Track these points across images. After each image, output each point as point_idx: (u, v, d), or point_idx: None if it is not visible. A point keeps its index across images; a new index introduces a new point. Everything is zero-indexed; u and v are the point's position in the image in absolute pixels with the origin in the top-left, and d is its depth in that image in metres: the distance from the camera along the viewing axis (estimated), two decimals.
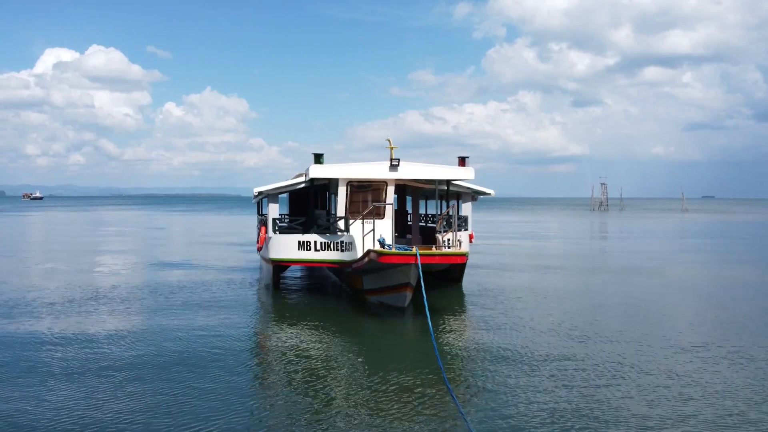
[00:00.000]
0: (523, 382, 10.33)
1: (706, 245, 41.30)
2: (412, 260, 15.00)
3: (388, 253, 15.37)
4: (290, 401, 9.48)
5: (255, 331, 14.97)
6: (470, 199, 22.37)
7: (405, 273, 15.70)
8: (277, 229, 20.05)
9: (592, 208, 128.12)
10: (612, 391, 9.87)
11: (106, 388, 9.99)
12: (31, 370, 10.99)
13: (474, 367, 11.50)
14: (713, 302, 18.48)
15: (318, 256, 19.24)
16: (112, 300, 18.14)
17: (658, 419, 8.68)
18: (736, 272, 25.83)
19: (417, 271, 14.98)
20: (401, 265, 15.44)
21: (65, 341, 13.13)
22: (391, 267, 15.72)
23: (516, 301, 18.09)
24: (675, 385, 10.14)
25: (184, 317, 15.72)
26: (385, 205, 19.16)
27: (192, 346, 12.71)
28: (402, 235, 22.75)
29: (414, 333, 14.46)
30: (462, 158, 19.79)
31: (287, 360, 11.88)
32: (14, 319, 15.41)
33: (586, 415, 8.80)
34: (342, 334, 14.23)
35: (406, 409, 9.07)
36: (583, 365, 11.33)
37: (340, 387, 10.21)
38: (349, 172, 19.10)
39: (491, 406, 9.26)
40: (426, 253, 15.54)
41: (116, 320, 15.37)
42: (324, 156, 19.33)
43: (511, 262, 29.65)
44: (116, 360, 11.66)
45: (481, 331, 14.35)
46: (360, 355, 12.36)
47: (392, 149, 18.98)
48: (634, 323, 15.09)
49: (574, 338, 13.47)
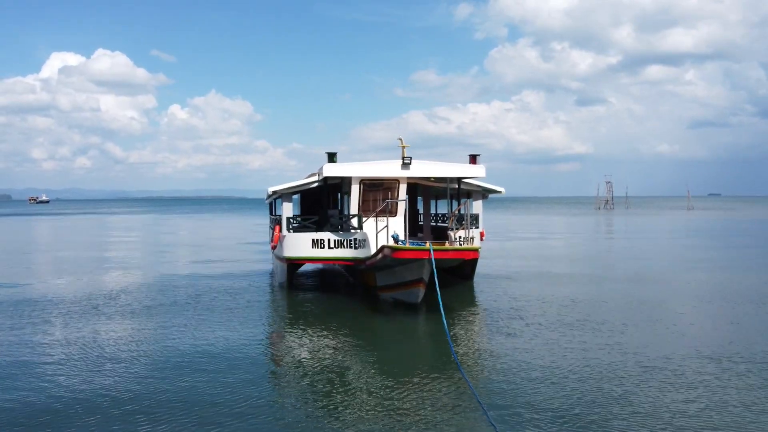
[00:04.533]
0: (540, 374, 10.52)
1: (717, 245, 41.23)
2: (426, 255, 15.22)
3: (402, 249, 15.59)
4: (306, 397, 9.65)
5: (270, 328, 15.21)
6: (481, 197, 22.58)
7: (418, 269, 15.93)
8: (291, 227, 20.34)
9: (598, 206, 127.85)
10: (627, 382, 10.09)
11: (122, 384, 10.27)
12: (41, 369, 11.28)
13: (490, 360, 11.70)
14: (743, 308, 16.69)
15: (332, 254, 19.52)
16: (126, 300, 18.48)
17: (677, 414, 8.89)
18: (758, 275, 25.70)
19: (430, 267, 15.19)
20: (414, 261, 15.66)
21: (85, 341, 13.45)
22: (404, 263, 15.96)
23: (528, 297, 18.27)
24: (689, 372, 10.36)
25: (199, 316, 15.98)
26: (398, 202, 19.43)
27: (207, 344, 12.91)
28: (413, 234, 22.99)
29: (428, 328, 14.66)
30: (473, 156, 20.03)
31: (302, 356, 12.07)
32: (23, 324, 15.72)
33: (602, 406, 9.02)
34: (356, 331, 14.43)
35: (426, 403, 9.24)
36: (596, 356, 11.55)
37: (357, 383, 10.37)
38: (361, 171, 19.40)
39: (510, 397, 9.45)
40: (439, 249, 15.76)
41: (130, 321, 15.63)
42: (337, 155, 19.69)
43: (521, 259, 29.82)
44: (131, 358, 11.93)
45: (495, 325, 14.55)
46: (375, 352, 12.56)
47: (404, 148, 19.26)
48: (646, 320, 15.29)
49: (587, 330, 13.69)
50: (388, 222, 18.21)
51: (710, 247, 36.91)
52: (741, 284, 20.82)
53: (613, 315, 15.58)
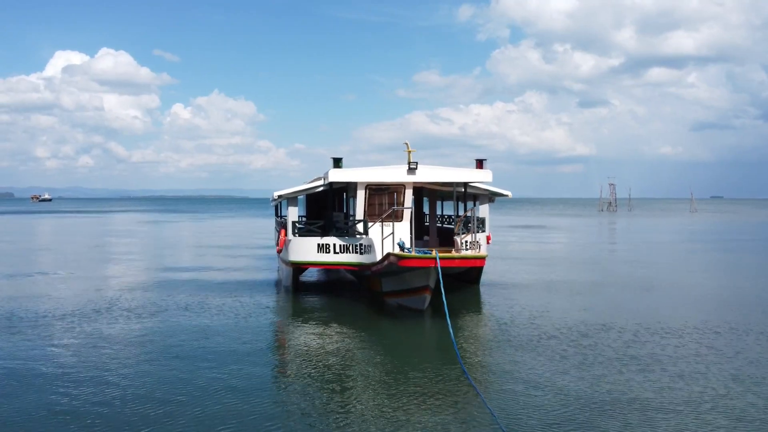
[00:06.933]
0: (543, 376, 10.64)
1: (727, 248, 41.12)
2: (432, 263, 15.16)
3: (408, 257, 15.51)
4: (314, 400, 9.67)
5: (276, 332, 15.20)
6: (487, 201, 22.50)
7: (424, 276, 15.87)
8: (296, 231, 20.29)
9: (601, 208, 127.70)
10: (629, 381, 10.06)
11: (122, 385, 10.24)
12: (45, 372, 11.25)
13: (494, 361, 11.82)
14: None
15: (337, 259, 19.46)
16: (128, 302, 18.45)
17: (669, 406, 8.87)
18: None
19: (436, 274, 15.14)
20: (421, 269, 15.61)
21: (93, 340, 13.43)
22: (410, 270, 15.89)
23: (533, 302, 18.22)
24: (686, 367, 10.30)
25: (204, 319, 15.97)
26: (404, 209, 19.35)
27: (213, 347, 12.93)
28: (419, 237, 22.92)
29: (433, 333, 14.67)
30: (480, 161, 19.93)
31: (308, 360, 12.06)
32: (19, 331, 15.69)
33: (607, 411, 8.99)
34: (362, 335, 14.42)
35: (428, 401, 9.40)
36: (600, 357, 11.53)
37: (363, 385, 10.43)
38: (367, 176, 19.30)
39: (513, 397, 9.63)
40: (445, 257, 15.66)
41: (133, 323, 15.60)
42: (342, 160, 19.63)
43: (525, 263, 29.75)
44: (135, 360, 11.93)
45: (501, 330, 14.52)
46: (380, 354, 12.57)
47: (410, 153, 19.17)
48: (654, 327, 15.23)
49: (590, 333, 13.66)
50: (393, 227, 18.13)
51: (722, 250, 36.80)
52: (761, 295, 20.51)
53: (620, 320, 15.51)
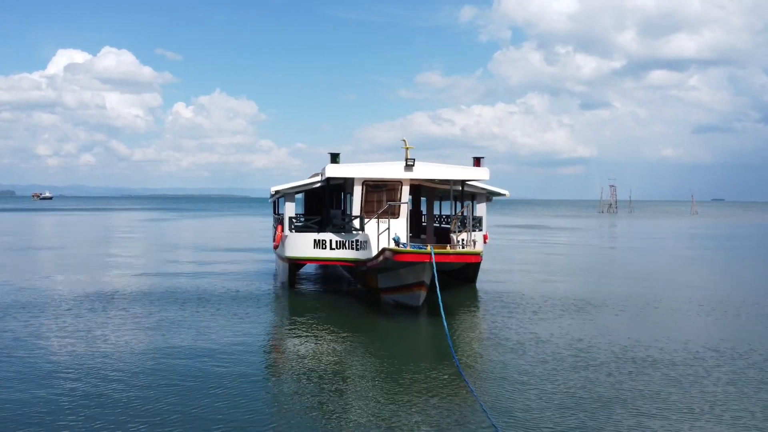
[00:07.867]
0: (537, 374, 10.61)
1: (727, 251, 41.10)
2: (427, 259, 15.17)
3: (403, 252, 15.55)
4: (308, 399, 9.63)
5: (271, 328, 15.18)
6: (485, 200, 22.50)
7: (419, 272, 15.87)
8: (293, 227, 20.30)
9: (601, 210, 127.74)
10: (623, 383, 10.07)
11: (122, 385, 10.26)
12: (41, 371, 11.29)
13: (488, 360, 11.76)
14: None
15: (333, 255, 19.48)
16: (127, 299, 18.49)
17: (664, 407, 8.86)
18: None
19: (431, 270, 15.15)
20: (416, 264, 15.61)
21: (91, 338, 13.43)
22: (405, 265, 15.90)
23: (530, 301, 18.21)
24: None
25: (201, 315, 15.97)
26: (400, 205, 19.36)
27: (209, 343, 12.92)
28: (416, 236, 22.93)
29: (428, 330, 14.65)
30: (477, 158, 19.95)
31: (303, 359, 12.01)
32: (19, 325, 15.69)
33: (596, 403, 9.01)
34: (357, 332, 14.39)
35: (423, 400, 9.37)
36: (595, 359, 11.51)
37: (358, 384, 10.41)
38: (364, 172, 19.32)
39: (507, 396, 9.60)
40: (440, 252, 15.70)
41: (131, 320, 15.60)
42: (340, 156, 19.64)
43: (523, 263, 29.78)
44: (131, 359, 11.95)
45: (495, 328, 14.50)
46: (376, 353, 12.52)
47: (407, 149, 19.19)
48: (649, 320, 15.23)
49: (586, 335, 13.64)
50: (389, 224, 18.14)
51: (723, 250, 36.78)
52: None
53: (615, 322, 15.51)
